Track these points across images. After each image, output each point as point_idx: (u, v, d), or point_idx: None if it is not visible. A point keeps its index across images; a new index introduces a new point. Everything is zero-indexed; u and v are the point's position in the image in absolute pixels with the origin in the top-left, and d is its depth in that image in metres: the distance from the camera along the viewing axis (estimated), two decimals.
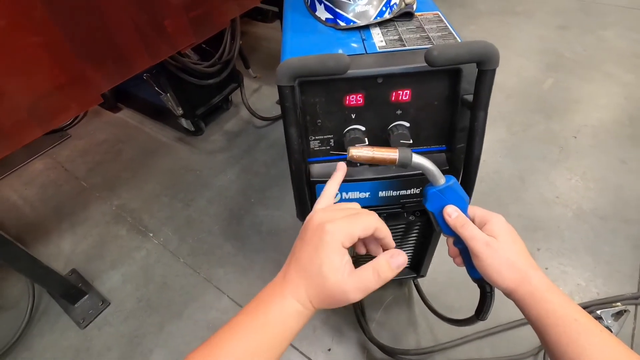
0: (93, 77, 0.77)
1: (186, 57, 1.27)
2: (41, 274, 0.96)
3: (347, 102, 0.50)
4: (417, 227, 0.74)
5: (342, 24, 0.57)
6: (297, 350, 0.94)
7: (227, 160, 1.49)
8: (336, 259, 0.34)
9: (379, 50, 0.51)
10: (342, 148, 0.54)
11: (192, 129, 1.56)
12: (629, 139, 1.41)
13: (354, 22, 0.56)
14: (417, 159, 0.42)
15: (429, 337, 0.95)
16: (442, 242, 0.61)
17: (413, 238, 0.78)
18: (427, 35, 0.54)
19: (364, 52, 0.51)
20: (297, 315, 0.34)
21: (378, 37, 0.54)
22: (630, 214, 1.17)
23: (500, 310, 0.66)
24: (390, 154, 0.42)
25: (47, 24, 0.66)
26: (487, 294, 0.47)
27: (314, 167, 0.56)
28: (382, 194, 0.59)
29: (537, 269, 0.40)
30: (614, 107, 1.55)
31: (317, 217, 0.37)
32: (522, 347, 0.91)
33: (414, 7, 0.59)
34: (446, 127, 0.53)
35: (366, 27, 0.57)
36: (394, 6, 0.57)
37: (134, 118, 1.76)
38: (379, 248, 0.42)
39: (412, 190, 0.59)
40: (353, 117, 0.52)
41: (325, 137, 0.54)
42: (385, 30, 0.56)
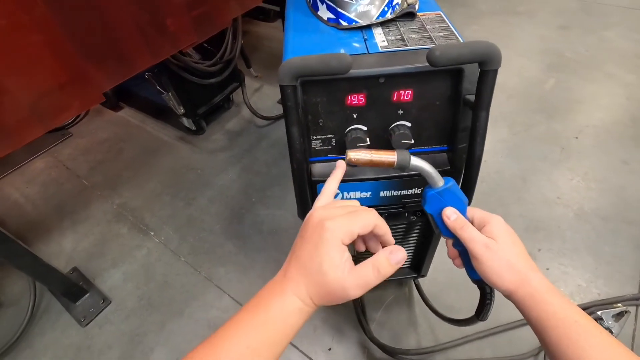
0: (95, 76, 0.77)
1: (188, 56, 1.27)
2: (42, 272, 0.97)
3: (349, 102, 0.50)
4: (418, 227, 0.74)
5: (344, 23, 0.57)
6: (297, 349, 0.95)
7: (228, 160, 1.49)
8: (336, 256, 0.34)
9: (380, 50, 0.51)
10: (343, 148, 0.54)
11: (194, 128, 1.56)
12: (630, 139, 1.40)
13: (356, 22, 0.56)
14: (416, 161, 0.42)
15: (429, 337, 0.95)
16: (442, 242, 0.61)
17: (414, 238, 0.78)
18: (429, 35, 0.54)
19: (365, 52, 0.51)
20: (298, 312, 0.34)
21: (380, 37, 0.54)
22: (632, 215, 1.16)
23: (500, 310, 0.66)
24: (389, 156, 0.42)
25: (48, 22, 0.66)
26: (486, 295, 0.47)
27: (316, 167, 0.56)
28: (383, 193, 0.59)
29: (537, 270, 0.40)
30: (615, 107, 1.54)
31: (316, 214, 0.37)
32: (522, 347, 0.91)
33: (416, 7, 0.59)
34: (448, 127, 0.53)
35: (368, 27, 0.57)
36: (396, 6, 0.57)
37: (136, 117, 1.76)
38: (379, 245, 0.42)
39: (413, 190, 0.59)
40: (355, 116, 0.52)
41: (326, 136, 0.54)
42: (387, 30, 0.56)
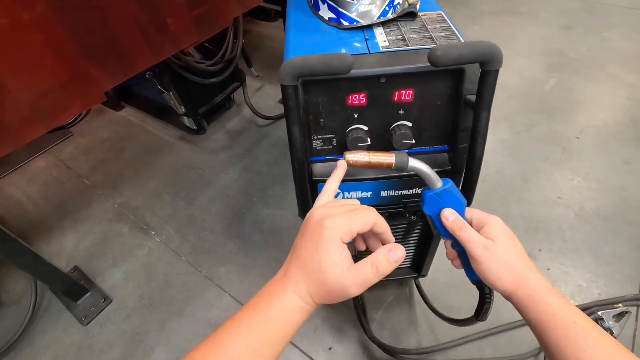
0: (96, 75, 0.77)
1: (189, 56, 1.27)
2: (44, 271, 0.97)
3: (350, 102, 0.50)
4: (419, 226, 0.74)
5: (345, 23, 0.57)
6: (297, 348, 0.95)
7: (229, 159, 1.49)
8: (335, 254, 0.34)
9: (382, 50, 0.51)
10: (344, 147, 0.54)
11: (195, 127, 1.57)
12: (632, 139, 1.40)
13: (357, 22, 0.56)
14: (414, 162, 0.42)
15: (429, 336, 0.95)
16: (443, 242, 0.61)
17: (414, 238, 0.78)
18: (430, 35, 0.54)
19: (367, 51, 0.51)
20: (299, 310, 0.34)
21: (381, 37, 0.54)
22: (633, 215, 1.16)
23: (501, 310, 0.66)
24: (387, 158, 0.42)
25: (50, 21, 0.66)
26: (486, 296, 0.47)
27: (317, 167, 0.56)
28: (383, 193, 0.59)
29: (536, 271, 0.40)
30: (617, 108, 1.54)
31: (316, 213, 0.37)
32: (522, 347, 0.91)
33: (417, 6, 0.59)
34: (449, 127, 0.53)
35: (369, 26, 0.57)
36: (397, 6, 0.57)
37: (137, 116, 1.76)
38: (379, 243, 0.42)
39: (414, 190, 0.59)
40: (356, 116, 0.52)
41: (327, 136, 0.54)
42: (389, 30, 0.56)
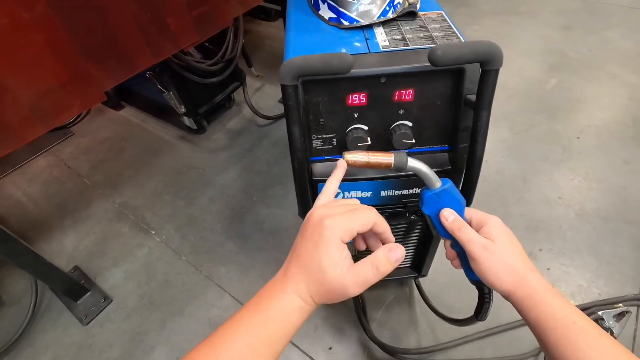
0: (96, 75, 0.77)
1: (189, 56, 1.27)
2: (44, 270, 0.97)
3: (350, 102, 0.50)
4: (419, 226, 0.74)
5: (346, 23, 0.57)
6: (298, 348, 0.95)
7: (229, 159, 1.49)
8: (335, 253, 0.34)
9: (382, 49, 0.51)
10: (344, 147, 0.54)
11: (195, 127, 1.57)
12: (632, 139, 1.40)
13: (357, 22, 0.56)
14: (413, 162, 0.42)
15: (429, 336, 0.95)
16: (442, 242, 0.61)
17: (415, 237, 0.78)
18: (431, 34, 0.54)
19: (367, 51, 0.51)
20: (299, 310, 0.34)
21: (381, 37, 0.54)
22: (633, 215, 1.16)
23: (501, 310, 0.66)
24: (386, 158, 0.42)
25: (49, 21, 0.66)
26: (485, 296, 0.47)
27: (317, 166, 0.56)
28: (384, 193, 0.59)
29: (535, 271, 0.40)
30: (617, 107, 1.54)
31: (316, 212, 0.37)
32: (523, 347, 0.91)
33: (418, 6, 0.59)
34: (449, 127, 0.53)
35: (369, 26, 0.57)
36: (398, 5, 0.57)
37: (137, 116, 1.76)
38: (379, 243, 0.42)
39: (414, 189, 0.59)
40: (356, 116, 0.52)
41: (327, 136, 0.54)
42: (389, 29, 0.56)
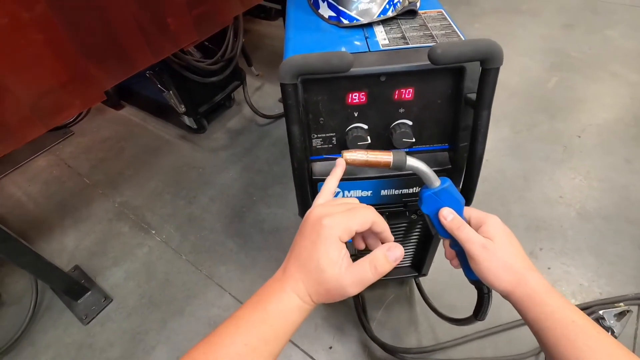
0: (96, 75, 0.77)
1: (189, 55, 1.27)
2: (44, 270, 0.97)
3: (350, 101, 0.50)
4: (419, 225, 0.74)
5: (345, 21, 0.57)
6: (298, 347, 0.95)
7: (229, 158, 1.49)
8: (334, 252, 0.34)
9: (382, 48, 0.51)
10: (344, 146, 0.54)
11: (195, 126, 1.56)
12: (633, 139, 1.39)
13: (357, 20, 0.56)
14: (412, 161, 0.42)
15: (430, 336, 0.95)
16: (442, 241, 0.61)
17: (415, 237, 0.78)
18: (431, 33, 0.53)
19: (367, 50, 0.51)
20: (297, 310, 0.34)
21: (381, 35, 0.54)
22: (634, 214, 1.16)
23: (501, 309, 0.66)
24: (384, 157, 0.42)
25: (49, 21, 0.66)
26: (484, 295, 0.47)
27: (316, 165, 0.56)
28: (384, 192, 0.59)
29: (534, 270, 0.40)
30: (619, 106, 1.53)
31: (315, 212, 0.37)
32: (523, 346, 0.91)
33: (418, 4, 0.59)
34: (449, 126, 0.53)
35: (369, 25, 0.57)
36: (398, 4, 0.57)
37: (137, 115, 1.76)
38: (378, 242, 0.42)
39: (414, 188, 0.58)
40: (356, 115, 0.51)
41: (327, 135, 0.53)
42: (389, 28, 0.56)
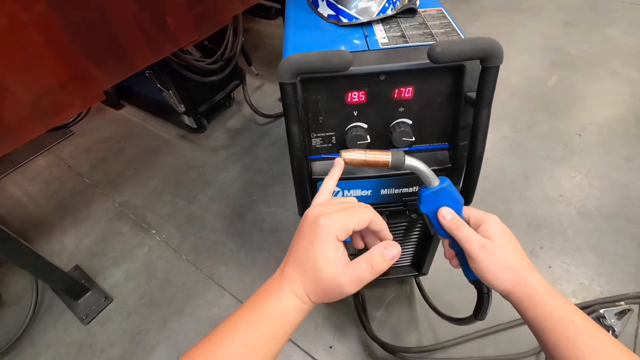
0: (95, 74, 0.77)
1: (188, 54, 1.27)
2: (44, 270, 0.97)
3: (349, 100, 0.50)
4: (419, 225, 0.74)
5: (345, 20, 0.57)
6: (298, 347, 0.95)
7: (229, 158, 1.49)
8: (331, 251, 0.34)
9: (381, 47, 0.51)
10: (344, 146, 0.54)
11: (195, 126, 1.56)
12: (634, 137, 1.39)
13: (357, 19, 0.56)
14: (410, 161, 0.42)
15: (430, 335, 0.95)
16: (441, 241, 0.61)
17: (415, 236, 0.78)
18: (430, 31, 0.53)
19: (366, 48, 0.51)
20: (295, 309, 0.34)
21: (381, 34, 0.54)
22: (635, 213, 1.16)
23: (502, 308, 0.65)
24: (383, 156, 0.42)
25: (49, 21, 0.65)
26: (484, 295, 0.47)
27: (316, 165, 0.55)
28: (383, 191, 0.59)
29: (534, 270, 0.40)
30: (619, 105, 1.53)
31: (313, 211, 0.37)
32: (524, 345, 0.91)
33: (417, 3, 0.58)
34: (449, 125, 0.53)
35: (369, 23, 0.57)
36: (397, 2, 0.57)
37: (137, 115, 1.76)
38: (377, 241, 0.41)
39: (414, 188, 0.58)
40: (355, 114, 0.51)
41: (327, 134, 0.53)
42: (388, 26, 0.56)
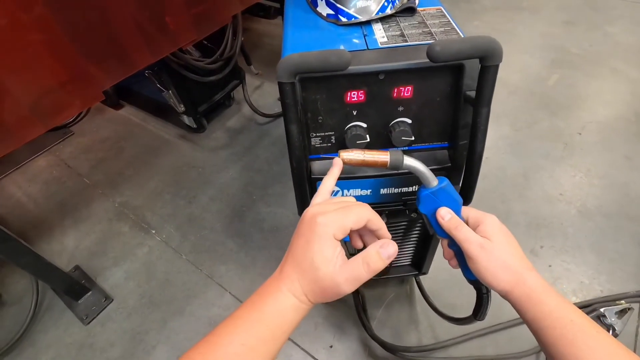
0: (95, 74, 0.77)
1: (188, 54, 1.27)
2: (45, 270, 0.97)
3: (349, 99, 0.50)
4: (419, 224, 0.73)
5: (344, 19, 0.56)
6: (298, 346, 0.95)
7: (229, 157, 1.49)
8: (328, 250, 0.34)
9: (380, 46, 0.51)
10: (343, 145, 0.53)
11: (194, 126, 1.56)
12: (634, 135, 1.39)
13: (356, 18, 0.56)
14: (409, 161, 0.42)
15: (430, 334, 0.95)
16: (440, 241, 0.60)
17: (415, 235, 0.78)
18: (430, 30, 0.53)
19: (365, 48, 0.51)
20: (294, 309, 0.34)
21: (380, 33, 0.54)
22: (635, 212, 1.15)
23: (502, 307, 0.65)
24: (381, 156, 0.42)
25: (48, 21, 0.65)
26: (483, 295, 0.47)
27: (315, 165, 0.55)
28: (383, 191, 0.58)
29: (532, 269, 0.40)
30: (619, 103, 1.53)
31: (310, 210, 0.37)
32: (524, 345, 0.91)
33: (416, 2, 0.58)
34: (448, 124, 0.52)
35: (368, 22, 0.56)
36: (396, 1, 0.57)
37: (137, 115, 1.76)
38: (375, 240, 0.41)
39: (414, 187, 0.58)
40: (354, 113, 0.51)
41: (326, 134, 0.53)
42: (387, 25, 0.55)
